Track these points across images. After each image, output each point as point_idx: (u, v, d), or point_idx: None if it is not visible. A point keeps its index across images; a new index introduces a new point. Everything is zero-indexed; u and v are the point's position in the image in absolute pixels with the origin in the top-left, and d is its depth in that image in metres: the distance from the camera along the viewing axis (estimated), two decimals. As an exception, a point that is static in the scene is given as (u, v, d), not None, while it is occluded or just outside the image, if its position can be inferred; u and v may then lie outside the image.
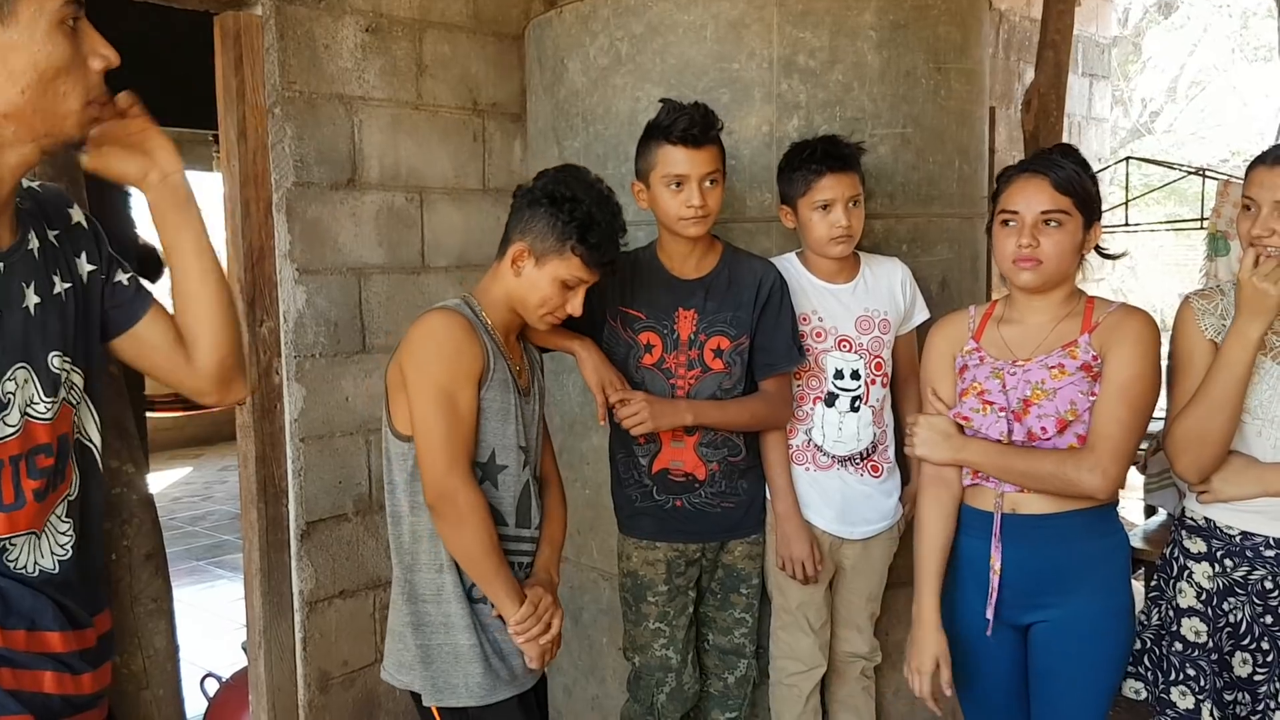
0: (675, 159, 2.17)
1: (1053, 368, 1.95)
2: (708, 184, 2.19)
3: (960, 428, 2.04)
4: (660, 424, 2.20)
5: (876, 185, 2.61)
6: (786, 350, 2.32)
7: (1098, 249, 2.04)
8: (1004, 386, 1.98)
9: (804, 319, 2.38)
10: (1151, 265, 13.18)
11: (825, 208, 2.30)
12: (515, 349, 2.01)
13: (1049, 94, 3.96)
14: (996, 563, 2.00)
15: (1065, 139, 5.45)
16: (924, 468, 2.11)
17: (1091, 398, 1.92)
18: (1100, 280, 7.18)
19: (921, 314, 2.50)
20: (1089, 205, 1.97)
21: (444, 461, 1.81)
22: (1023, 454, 1.96)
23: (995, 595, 2.01)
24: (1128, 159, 5.56)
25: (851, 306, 2.40)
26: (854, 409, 2.39)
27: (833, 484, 2.40)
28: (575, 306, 1.93)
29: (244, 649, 2.92)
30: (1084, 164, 1.99)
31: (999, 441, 1.98)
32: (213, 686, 3.16)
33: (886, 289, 2.44)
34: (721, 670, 2.46)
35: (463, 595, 1.90)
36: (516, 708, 1.95)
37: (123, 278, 1.46)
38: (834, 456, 2.40)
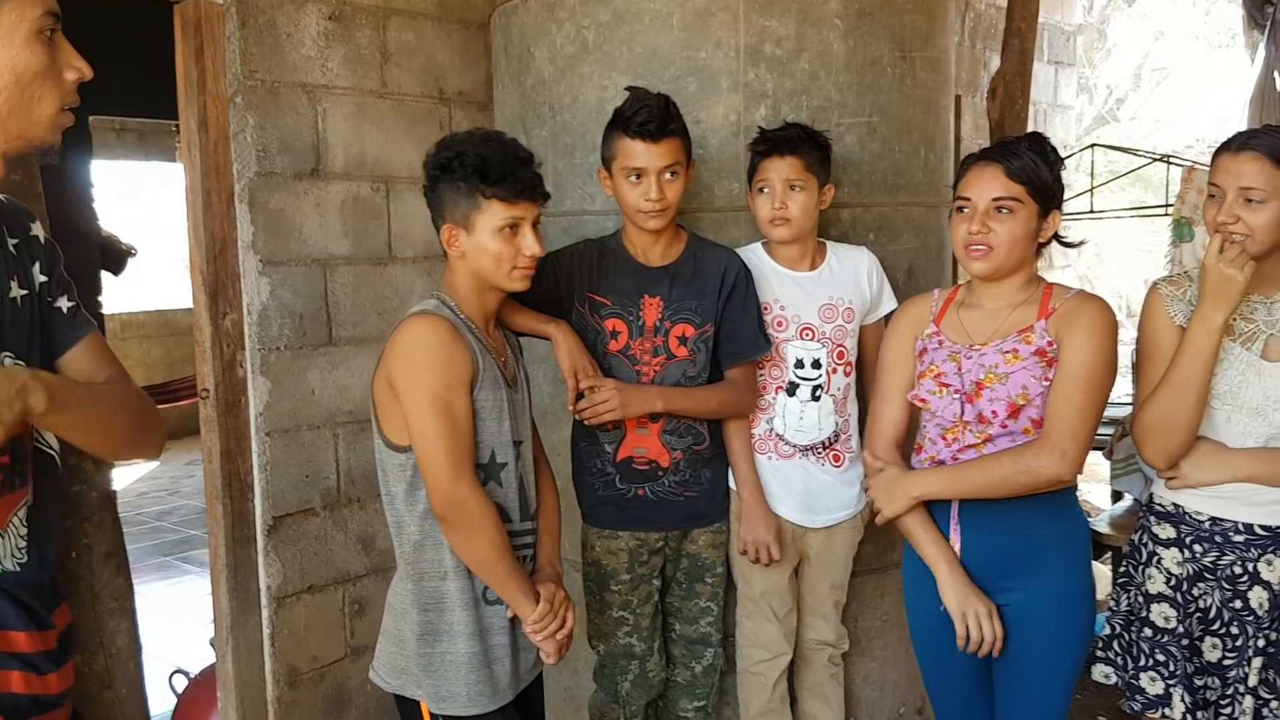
0: (634, 152, 2.17)
1: (1007, 352, 1.96)
2: (667, 176, 2.19)
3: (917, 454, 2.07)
4: (629, 411, 2.20)
5: (843, 174, 2.62)
6: (753, 339, 2.33)
7: (1057, 237, 2.03)
8: (959, 370, 2.00)
9: (766, 308, 2.38)
10: (1117, 252, 13.29)
11: (764, 190, 2.33)
12: (497, 339, 2.00)
13: (1014, 82, 3.97)
14: (956, 548, 2.02)
15: (1030, 127, 5.48)
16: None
17: (1044, 383, 1.92)
18: (1066, 267, 7.24)
19: (889, 303, 2.50)
20: (1044, 193, 1.96)
21: (449, 472, 1.79)
22: (973, 468, 1.96)
23: None
24: (1092, 146, 5.60)
25: (815, 294, 2.40)
26: (815, 398, 2.40)
27: (795, 473, 2.41)
28: (530, 244, 1.88)
29: (212, 645, 2.89)
30: (1045, 152, 1.98)
31: (968, 432, 1.99)
32: (181, 683, 3.14)
33: (852, 277, 2.44)
34: (688, 660, 2.47)
35: (469, 601, 1.88)
36: (515, 713, 1.95)
37: (64, 304, 1.46)
38: (796, 445, 2.41)
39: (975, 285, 2.07)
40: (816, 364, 2.39)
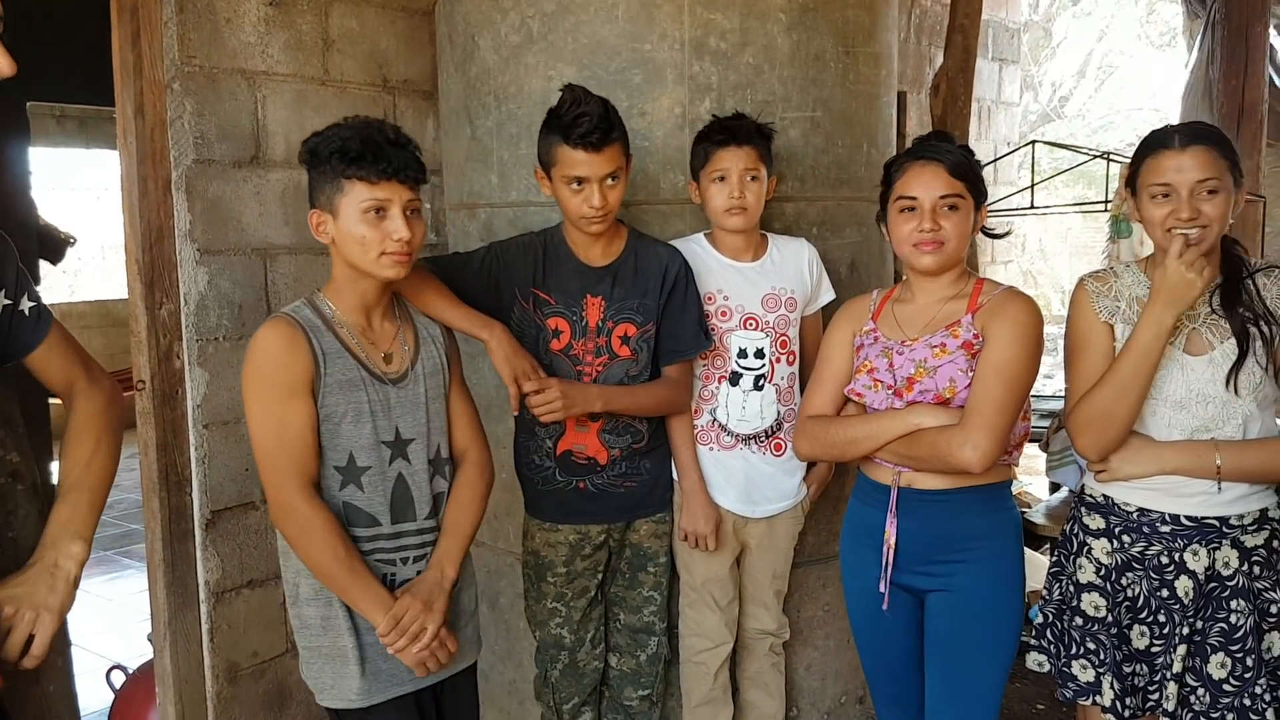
0: (575, 161, 2.15)
1: (935, 346, 2.02)
2: (609, 183, 2.18)
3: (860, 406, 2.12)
4: (573, 411, 2.20)
5: (787, 168, 2.63)
6: (693, 337, 2.34)
7: (983, 229, 2.13)
8: (891, 365, 2.05)
9: (709, 298, 2.40)
10: (1060, 248, 13.52)
11: (722, 179, 2.33)
12: (383, 332, 1.96)
13: (957, 78, 4.02)
14: (891, 537, 2.06)
15: (974, 123, 5.56)
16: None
17: (970, 374, 1.97)
18: (1009, 262, 7.34)
19: (828, 295, 2.54)
20: (978, 189, 2.05)
21: (275, 481, 1.83)
22: (905, 434, 2.00)
23: (890, 569, 2.07)
24: (1034, 143, 5.68)
25: (758, 284, 2.42)
26: (758, 387, 2.42)
27: (736, 463, 2.44)
28: (398, 228, 1.82)
29: (150, 641, 2.84)
30: (967, 149, 2.07)
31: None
32: (119, 679, 3.09)
33: (794, 268, 2.47)
34: (633, 649, 2.48)
35: (324, 599, 1.90)
36: (406, 708, 1.95)
37: (26, 305, 1.48)
38: (738, 435, 2.43)
39: (911, 282, 2.12)
40: (760, 353, 2.41)
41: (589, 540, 2.38)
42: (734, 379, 2.42)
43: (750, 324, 2.41)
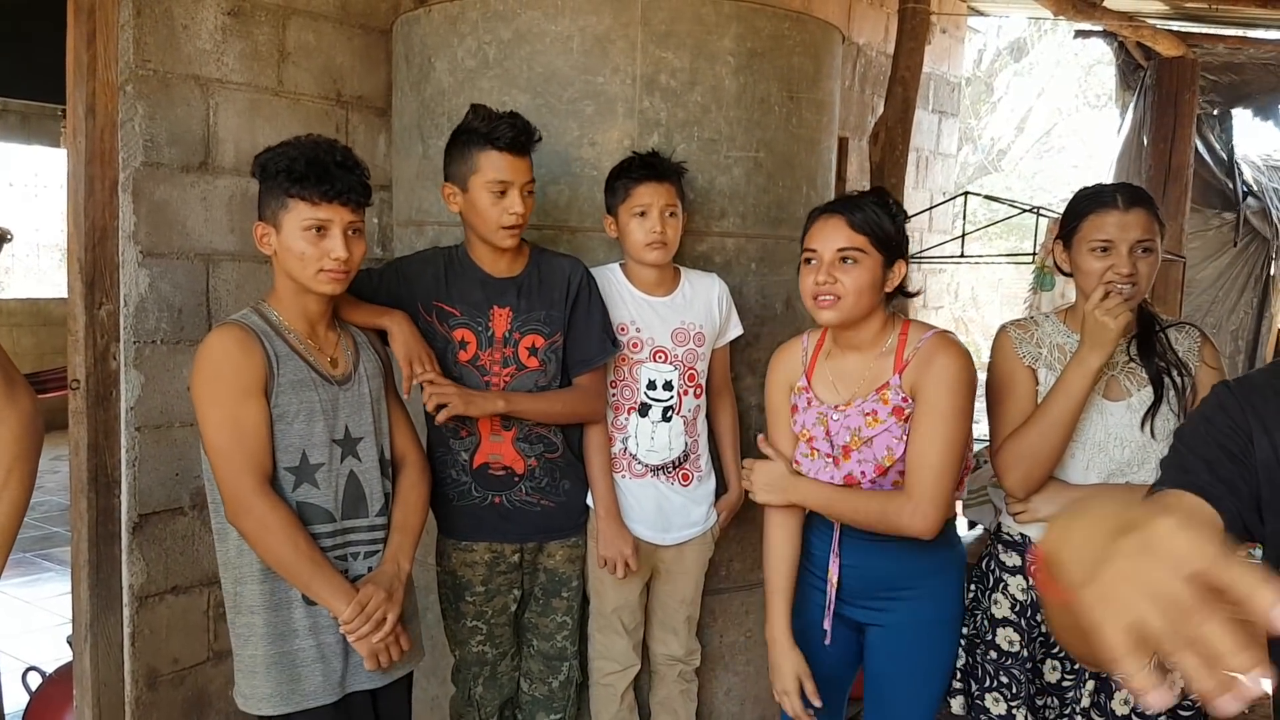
0: (501, 165, 2.19)
1: (867, 414, 2.01)
2: (526, 193, 2.23)
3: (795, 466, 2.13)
4: (470, 409, 2.21)
5: (730, 205, 2.71)
6: (600, 344, 2.37)
7: (901, 288, 2.06)
8: (827, 432, 2.05)
9: (621, 329, 2.44)
10: (991, 296, 13.87)
11: (643, 214, 2.37)
12: (327, 339, 2.04)
13: (895, 128, 4.16)
14: (834, 575, 2.10)
15: (912, 172, 5.72)
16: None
17: (904, 441, 1.97)
18: (940, 308, 7.53)
19: (735, 330, 2.60)
20: (887, 244, 1.98)
21: (232, 479, 1.86)
22: (849, 495, 2.02)
23: (831, 607, 2.12)
24: (966, 194, 5.87)
25: (668, 318, 2.47)
26: (666, 419, 2.47)
27: (646, 492, 2.48)
28: (336, 248, 1.90)
29: (69, 643, 2.80)
30: (887, 205, 2.01)
31: (828, 482, 2.06)
32: (36, 681, 3.04)
33: (704, 303, 2.52)
34: (546, 675, 2.50)
35: (272, 604, 1.93)
36: (342, 713, 1.99)
37: None
38: (647, 465, 2.47)
39: (834, 330, 2.09)
40: (668, 385, 2.46)
41: (503, 558, 2.40)
42: (643, 410, 2.46)
43: (660, 357, 2.46)
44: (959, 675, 2.22)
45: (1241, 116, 7.08)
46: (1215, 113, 6.91)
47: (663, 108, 2.62)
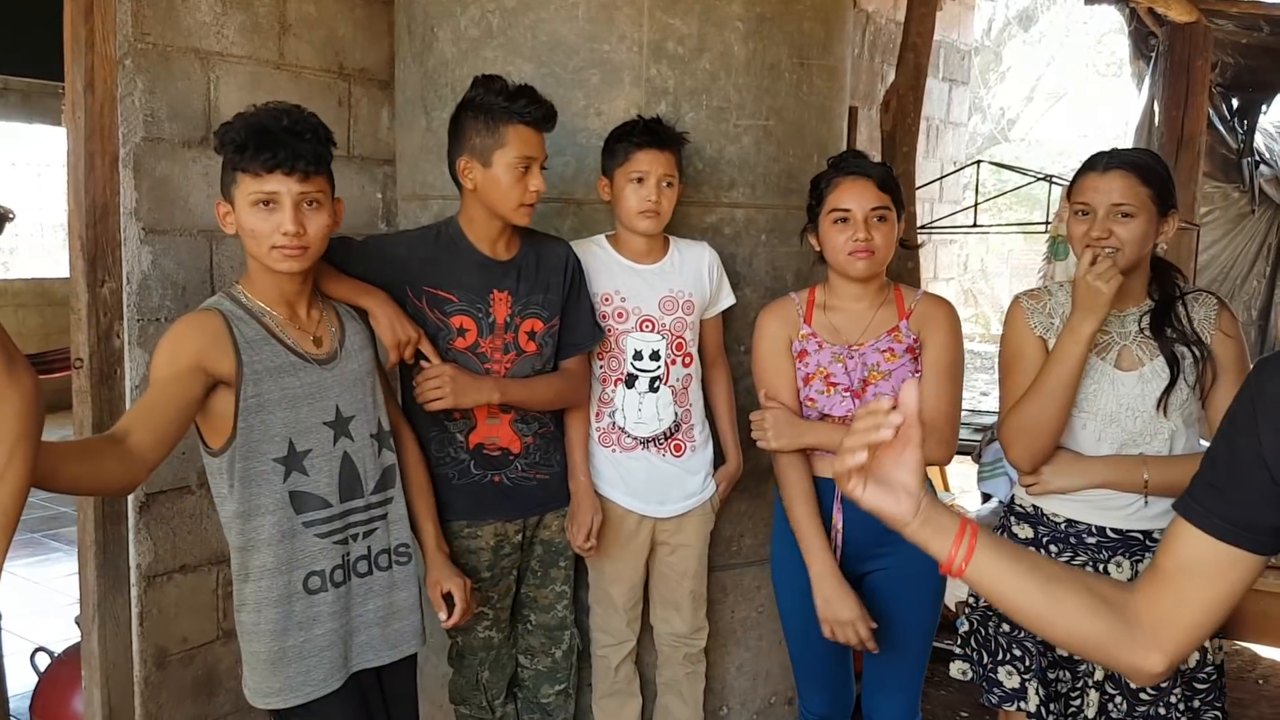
0: (530, 140, 2.16)
1: (884, 351, 2.19)
2: (542, 169, 2.20)
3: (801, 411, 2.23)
4: (463, 402, 2.17)
5: (739, 175, 2.67)
6: (589, 330, 2.36)
7: (902, 242, 2.31)
8: (846, 369, 2.17)
9: (606, 299, 2.40)
10: (1001, 268, 13.79)
11: (639, 181, 2.33)
12: (310, 318, 1.96)
13: (907, 96, 4.10)
14: (839, 523, 2.18)
15: (922, 141, 5.66)
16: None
17: (916, 374, 2.17)
18: (950, 280, 7.48)
19: (727, 299, 2.56)
20: (900, 203, 2.23)
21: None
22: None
23: (839, 552, 2.19)
24: (978, 163, 5.81)
25: (656, 286, 2.43)
26: (653, 389, 2.43)
27: (637, 465, 2.45)
28: (284, 221, 1.78)
29: (78, 624, 2.80)
30: (889, 166, 2.31)
31: (839, 420, 2.17)
32: (44, 661, 3.04)
33: (694, 271, 2.48)
34: (549, 647, 2.48)
35: (274, 600, 1.90)
36: (348, 698, 1.98)
37: None
38: (637, 438, 2.44)
39: (835, 287, 2.26)
40: (655, 355, 2.42)
41: (508, 540, 2.37)
42: (630, 381, 2.43)
43: (646, 326, 2.42)
44: (965, 642, 2.21)
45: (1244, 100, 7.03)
46: (1221, 90, 6.84)
47: (670, 75, 2.58)
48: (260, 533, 1.88)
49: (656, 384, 2.43)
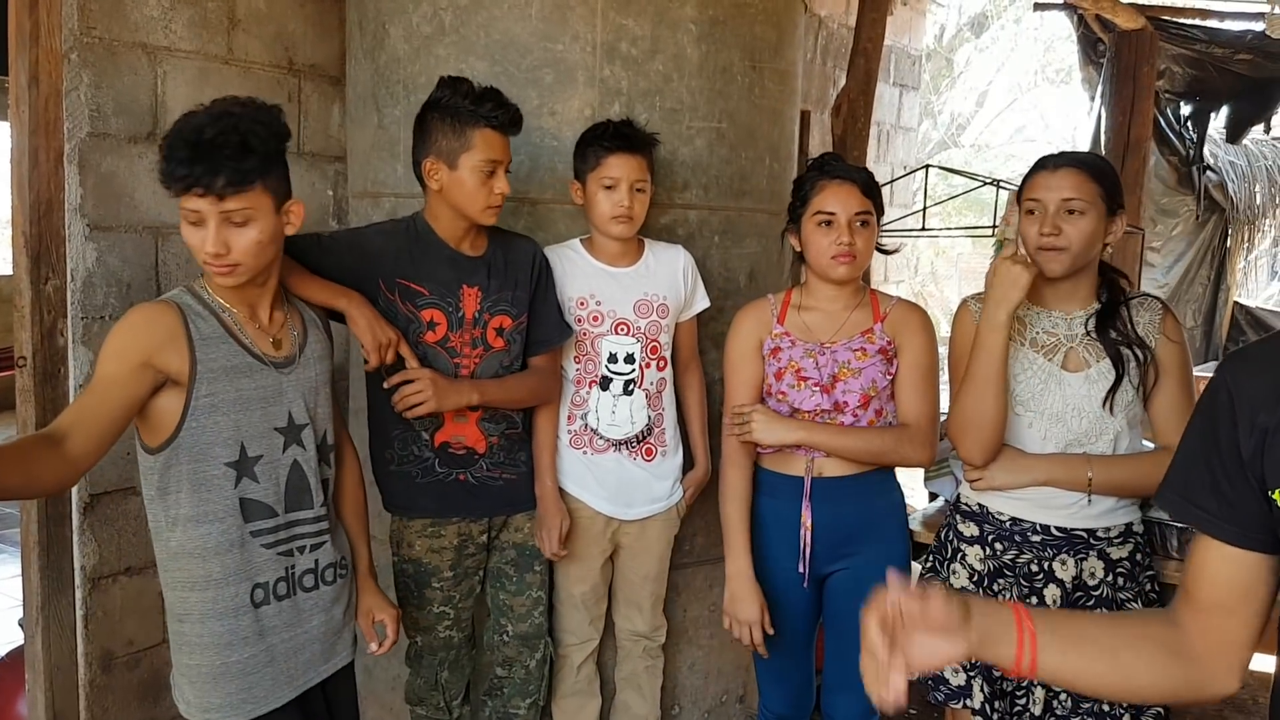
0: (496, 145, 2.16)
1: (856, 350, 2.24)
2: (507, 172, 2.21)
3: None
4: (444, 405, 2.17)
5: (692, 177, 2.69)
6: (557, 326, 2.37)
7: (878, 246, 2.34)
8: (817, 365, 2.22)
9: (581, 302, 2.41)
10: (950, 271, 13.97)
11: (610, 186, 2.34)
12: (274, 320, 1.88)
13: (858, 100, 4.14)
14: (808, 520, 2.23)
15: (873, 145, 5.72)
16: (727, 445, 2.30)
17: (888, 377, 2.24)
18: (900, 282, 7.56)
19: (702, 302, 2.58)
20: (880, 208, 2.28)
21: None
22: (855, 433, 2.21)
23: (809, 550, 2.24)
24: (926, 168, 5.88)
25: (630, 289, 2.44)
26: (627, 392, 2.44)
27: (608, 466, 2.46)
28: (208, 241, 1.68)
29: (21, 626, 2.75)
30: (871, 173, 2.33)
31: (809, 415, 2.22)
32: (-16, 665, 2.97)
33: (668, 274, 2.49)
34: (525, 657, 2.47)
35: (219, 613, 1.81)
36: (294, 713, 1.92)
37: None
38: (609, 440, 2.45)
39: (812, 289, 2.30)
40: (630, 358, 2.43)
41: (472, 540, 2.36)
42: (604, 383, 2.44)
43: (621, 329, 2.43)
44: None
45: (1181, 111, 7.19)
46: (1166, 96, 6.99)
47: (624, 76, 2.59)
48: (208, 540, 1.79)
49: (631, 387, 2.44)
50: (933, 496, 3.05)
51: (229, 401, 1.78)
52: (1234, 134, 7.26)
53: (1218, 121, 7.42)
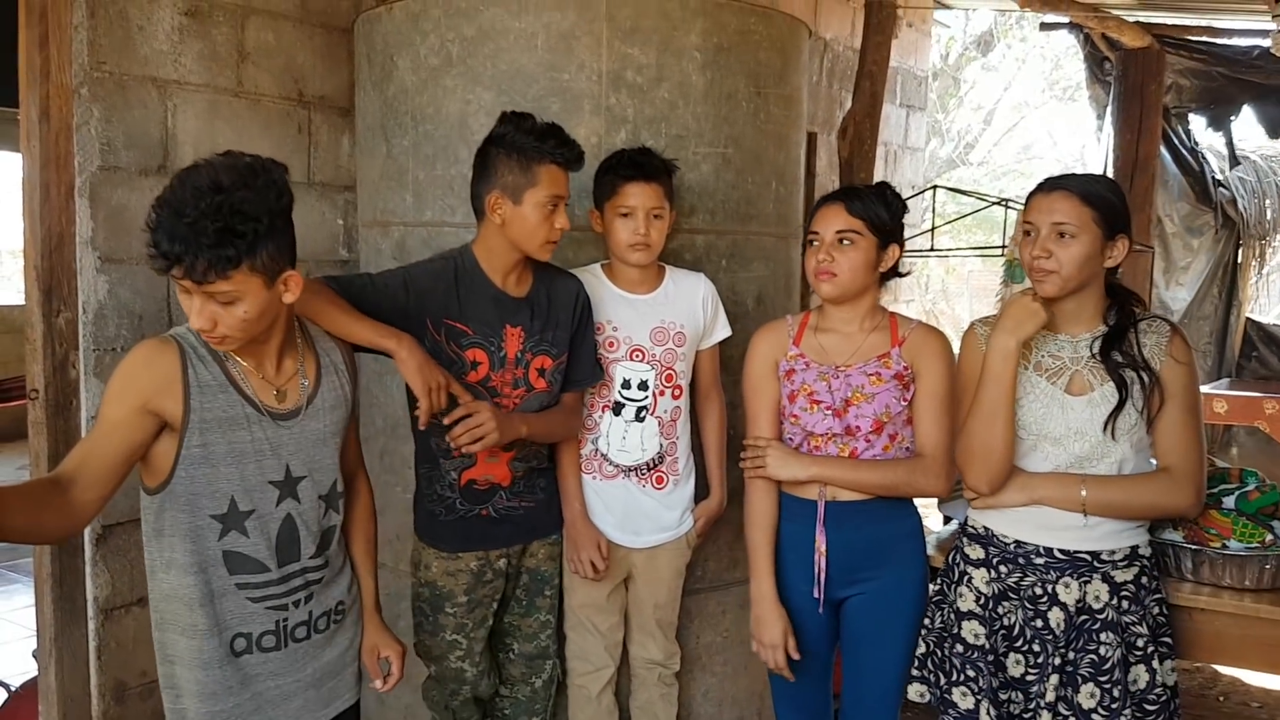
0: (560, 182, 2.17)
1: (870, 375, 2.21)
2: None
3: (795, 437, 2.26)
4: (505, 437, 2.13)
5: (699, 202, 2.70)
6: (591, 368, 2.37)
7: (895, 269, 2.28)
8: (830, 388, 2.21)
9: (599, 328, 2.41)
10: (962, 289, 13.95)
11: (627, 215, 2.35)
12: (283, 369, 1.82)
13: (864, 122, 4.16)
14: (822, 545, 2.21)
15: (881, 167, 5.73)
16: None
17: (902, 403, 2.20)
18: (910, 301, 7.55)
19: (723, 331, 2.57)
20: (882, 229, 2.22)
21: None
22: (869, 466, 2.20)
23: (824, 575, 2.22)
24: (934, 188, 5.88)
25: (648, 316, 2.44)
26: (639, 419, 2.43)
27: (616, 493, 2.45)
28: (192, 315, 1.65)
29: (35, 657, 2.75)
30: (885, 195, 2.25)
31: (820, 437, 2.21)
32: (1, 696, 2.98)
33: (687, 303, 2.49)
34: (529, 676, 2.46)
35: (204, 662, 1.77)
36: None
37: None
38: (619, 466, 2.44)
39: (827, 311, 2.29)
40: (644, 385, 2.43)
41: (490, 566, 2.34)
42: (616, 409, 2.43)
43: (637, 356, 2.43)
44: (921, 664, 2.23)
45: (1196, 122, 7.16)
46: (1176, 112, 6.98)
47: (630, 104, 2.60)
48: (193, 590, 1.74)
49: (643, 414, 2.43)
50: (947, 520, 3.04)
51: (221, 454, 1.72)
52: (1275, 130, 7.15)
53: (1241, 125, 7.36)
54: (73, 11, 2.51)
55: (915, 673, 2.25)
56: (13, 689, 2.98)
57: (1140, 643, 2.06)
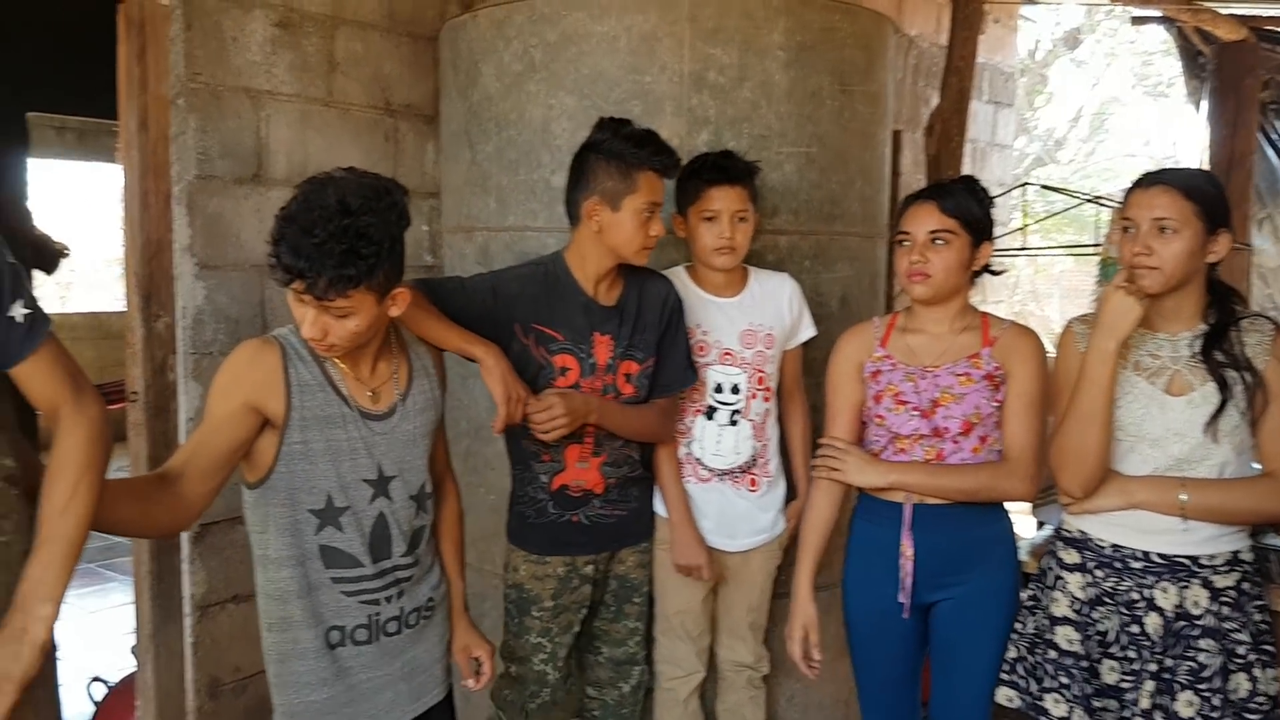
0: (659, 189, 2.18)
1: (960, 375, 2.17)
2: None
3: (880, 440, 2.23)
4: (575, 421, 2.14)
5: (781, 202, 2.67)
6: (682, 372, 2.35)
7: (987, 267, 2.25)
8: (916, 389, 2.18)
9: (689, 333, 2.39)
10: (1052, 290, 13.62)
11: (711, 219, 2.33)
12: (378, 371, 1.87)
13: (951, 120, 4.08)
14: (909, 549, 2.18)
15: (968, 164, 5.61)
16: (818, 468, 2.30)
17: (993, 404, 2.15)
18: (999, 302, 7.39)
19: (808, 331, 2.54)
20: (975, 227, 2.18)
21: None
22: (950, 471, 2.16)
23: (910, 579, 2.19)
24: (1025, 185, 5.74)
25: (736, 320, 2.43)
26: (733, 423, 2.42)
27: (711, 497, 2.44)
28: (306, 327, 1.69)
29: (133, 653, 2.84)
30: (975, 191, 2.21)
31: (906, 438, 2.18)
32: (100, 691, 3.08)
33: (773, 304, 2.47)
34: (616, 681, 2.45)
35: (277, 656, 1.83)
36: None
37: (19, 312, 1.42)
38: (713, 470, 2.43)
39: (916, 311, 2.26)
40: (736, 389, 2.41)
41: (577, 572, 2.33)
42: (709, 413, 2.42)
43: (727, 359, 2.42)
44: (1011, 668, 2.18)
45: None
46: (1275, 107, 6.72)
47: (711, 105, 2.59)
48: (290, 584, 1.81)
49: (736, 417, 2.42)
50: (1040, 525, 2.97)
51: (319, 450, 1.78)
52: None
53: None
54: (170, 24, 2.58)
55: (1004, 676, 2.19)
56: (111, 685, 3.07)
57: (1241, 650, 1.98)
